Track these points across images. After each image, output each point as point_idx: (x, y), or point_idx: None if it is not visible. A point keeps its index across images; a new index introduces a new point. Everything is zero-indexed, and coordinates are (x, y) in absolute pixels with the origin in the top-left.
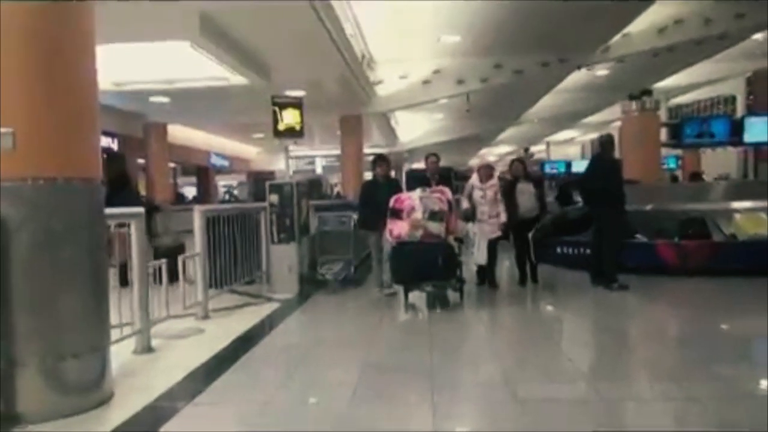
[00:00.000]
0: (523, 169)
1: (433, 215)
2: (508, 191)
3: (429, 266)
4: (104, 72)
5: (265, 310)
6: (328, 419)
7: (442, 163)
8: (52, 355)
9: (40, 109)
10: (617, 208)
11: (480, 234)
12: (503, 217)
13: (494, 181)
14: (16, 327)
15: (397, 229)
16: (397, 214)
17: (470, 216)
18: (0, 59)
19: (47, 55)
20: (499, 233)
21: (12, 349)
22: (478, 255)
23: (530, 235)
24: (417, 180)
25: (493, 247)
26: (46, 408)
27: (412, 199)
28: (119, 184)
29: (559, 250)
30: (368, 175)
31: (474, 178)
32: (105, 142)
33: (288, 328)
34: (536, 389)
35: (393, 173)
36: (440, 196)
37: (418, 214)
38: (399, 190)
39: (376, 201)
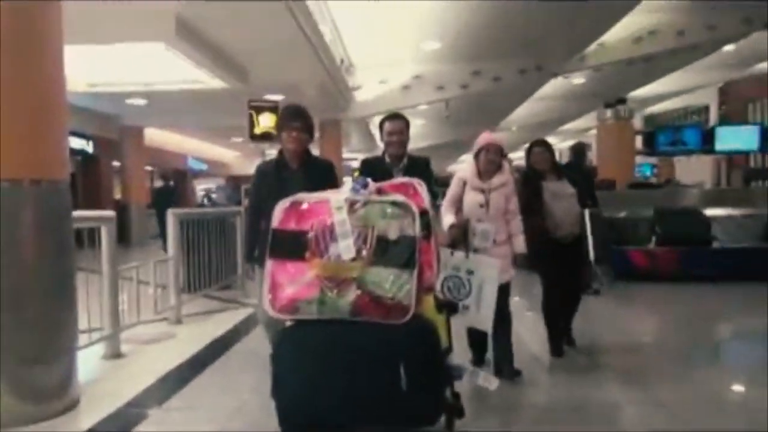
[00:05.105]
0: (550, 161)
1: (388, 249)
2: (531, 195)
3: (372, 390)
4: (79, 73)
5: (239, 315)
6: None
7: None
8: (15, 361)
9: (4, 109)
10: None
11: (483, 273)
12: (520, 244)
13: (506, 177)
14: None
15: (291, 286)
16: (291, 245)
17: (460, 240)
18: None
19: (11, 55)
20: (512, 273)
21: None
22: (479, 315)
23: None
24: (372, 171)
25: (503, 296)
26: (6, 414)
27: (331, 205)
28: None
29: None
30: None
31: (467, 169)
32: (80, 144)
33: (261, 333)
34: None
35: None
36: (404, 198)
37: (346, 250)
38: (332, 185)
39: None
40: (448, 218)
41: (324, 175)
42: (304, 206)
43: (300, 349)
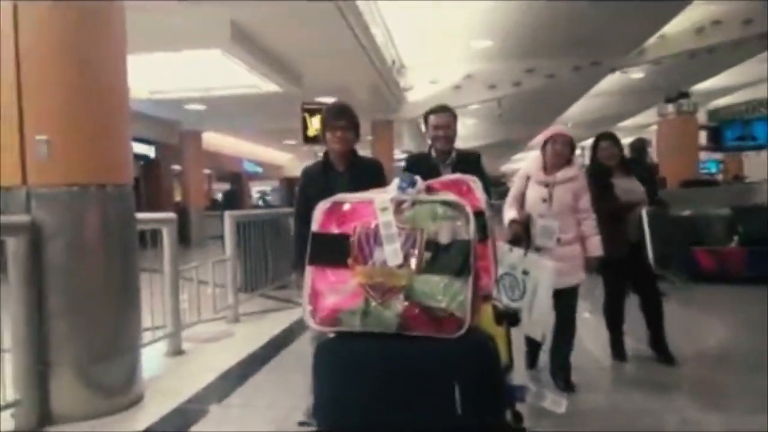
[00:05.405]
0: (618, 156)
1: (439, 255)
2: (600, 190)
3: (422, 413)
4: (141, 81)
5: (294, 314)
6: None
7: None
8: (85, 357)
9: (72, 117)
10: None
11: (537, 275)
12: (595, 246)
13: (574, 171)
14: (50, 329)
15: (332, 295)
16: (332, 250)
17: (522, 236)
18: (35, 69)
19: (79, 63)
20: (581, 276)
21: (47, 351)
22: (530, 321)
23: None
24: (418, 168)
25: (568, 304)
26: (77, 408)
27: (375, 207)
28: None
29: None
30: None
31: (531, 164)
32: (143, 149)
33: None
34: None
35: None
36: (457, 197)
37: (393, 255)
38: (381, 186)
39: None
40: (510, 213)
41: (372, 176)
42: (346, 207)
43: (340, 363)
